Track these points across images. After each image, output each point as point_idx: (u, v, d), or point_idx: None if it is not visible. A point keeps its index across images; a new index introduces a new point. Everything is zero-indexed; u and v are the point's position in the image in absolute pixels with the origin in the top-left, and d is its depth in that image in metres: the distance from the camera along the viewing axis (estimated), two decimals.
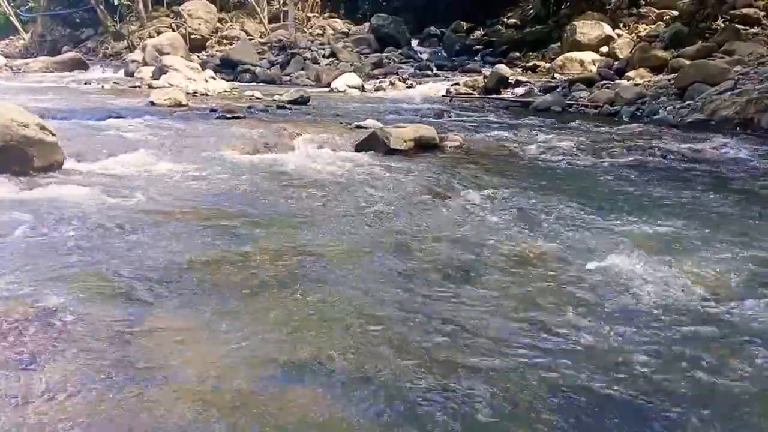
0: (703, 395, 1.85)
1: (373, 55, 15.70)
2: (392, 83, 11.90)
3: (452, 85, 11.34)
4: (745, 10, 11.68)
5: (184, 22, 19.15)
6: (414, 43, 18.15)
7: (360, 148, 5.40)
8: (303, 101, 8.85)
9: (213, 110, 7.52)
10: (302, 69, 13.87)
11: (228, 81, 11.87)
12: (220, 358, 1.98)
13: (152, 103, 7.92)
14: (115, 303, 2.33)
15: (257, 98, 9.47)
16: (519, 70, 13.39)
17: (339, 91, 11.08)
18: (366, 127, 6.07)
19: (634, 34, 13.84)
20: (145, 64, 13.25)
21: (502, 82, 10.87)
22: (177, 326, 2.19)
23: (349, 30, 19.98)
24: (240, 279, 2.60)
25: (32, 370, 1.88)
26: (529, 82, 11.14)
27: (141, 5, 20.30)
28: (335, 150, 5.40)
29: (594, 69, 11.56)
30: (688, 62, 9.41)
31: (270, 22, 20.54)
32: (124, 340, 2.07)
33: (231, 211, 3.56)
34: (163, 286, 2.50)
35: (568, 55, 13.03)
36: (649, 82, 9.64)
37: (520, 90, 10.66)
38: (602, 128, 7.08)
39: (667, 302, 2.44)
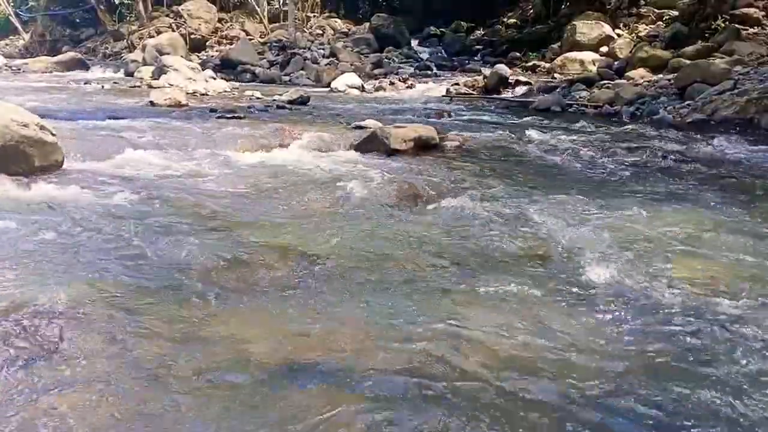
0: (703, 395, 1.85)
1: (373, 55, 15.70)
2: (392, 83, 11.90)
3: (452, 85, 11.35)
4: (745, 10, 11.68)
5: (184, 22, 19.16)
6: (414, 43, 18.15)
7: (360, 148, 5.40)
8: (303, 101, 8.85)
9: (213, 110, 7.52)
10: (302, 69, 13.86)
11: (228, 81, 11.86)
12: (219, 357, 1.98)
13: (152, 103, 7.92)
14: (114, 303, 2.33)
15: (257, 98, 9.47)
16: (519, 70, 13.39)
17: (339, 91, 11.07)
18: (366, 127, 6.07)
19: (634, 34, 13.84)
20: (145, 64, 13.26)
21: (502, 82, 10.87)
22: (175, 326, 2.19)
23: (349, 30, 19.99)
24: (239, 279, 2.60)
25: (29, 369, 1.88)
26: (529, 82, 11.14)
27: (141, 5, 20.31)
28: (335, 150, 5.40)
29: (594, 69, 11.56)
30: (688, 62, 9.41)
31: (270, 22, 20.55)
32: (121, 340, 2.07)
33: (230, 211, 3.56)
34: (162, 286, 2.50)
35: (568, 55, 13.04)
36: (649, 82, 9.64)
37: (520, 90, 10.66)
38: (602, 128, 7.08)
39: (667, 300, 2.44)
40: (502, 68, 11.47)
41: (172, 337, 2.11)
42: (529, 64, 13.94)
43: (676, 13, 13.55)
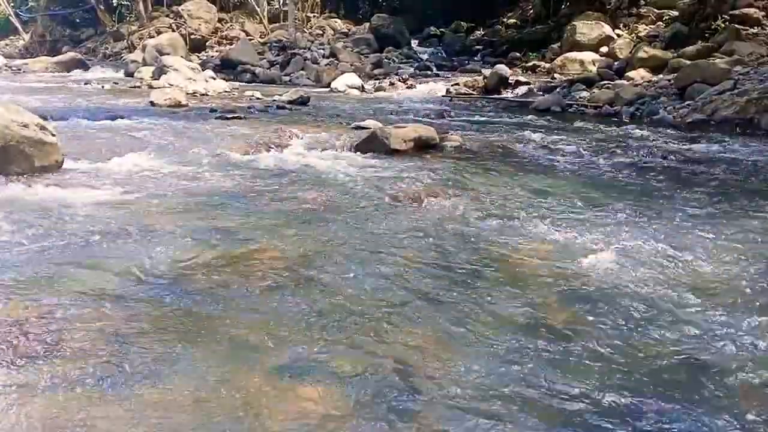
0: (696, 395, 1.86)
1: (373, 55, 15.71)
2: (392, 83, 11.89)
3: (452, 85, 11.34)
4: (745, 10, 11.69)
5: (184, 22, 19.19)
6: (414, 43, 18.18)
7: (360, 148, 5.40)
8: (303, 101, 8.85)
9: (213, 110, 7.53)
10: (302, 69, 13.86)
11: (228, 81, 11.87)
12: (219, 358, 1.99)
13: (152, 104, 7.93)
14: (113, 304, 2.33)
15: (257, 98, 9.47)
16: (519, 70, 13.41)
17: (339, 91, 11.08)
18: (366, 127, 6.07)
19: (634, 34, 13.86)
20: (145, 64, 13.26)
21: (502, 82, 10.86)
22: (175, 327, 2.19)
23: (349, 30, 20.01)
24: (238, 279, 2.60)
25: (26, 369, 1.88)
26: (529, 82, 11.14)
27: (141, 5, 20.34)
28: (335, 150, 5.40)
29: (594, 69, 11.57)
30: (688, 62, 9.42)
31: (270, 22, 20.58)
32: (120, 341, 2.07)
33: (230, 212, 3.56)
34: (162, 287, 2.50)
35: (568, 55, 13.05)
36: (649, 82, 9.64)
37: (520, 90, 10.66)
38: (602, 128, 7.08)
39: (666, 299, 2.44)
40: (502, 68, 11.46)
41: (168, 336, 2.11)
42: (529, 64, 13.95)
43: (676, 13, 13.57)
